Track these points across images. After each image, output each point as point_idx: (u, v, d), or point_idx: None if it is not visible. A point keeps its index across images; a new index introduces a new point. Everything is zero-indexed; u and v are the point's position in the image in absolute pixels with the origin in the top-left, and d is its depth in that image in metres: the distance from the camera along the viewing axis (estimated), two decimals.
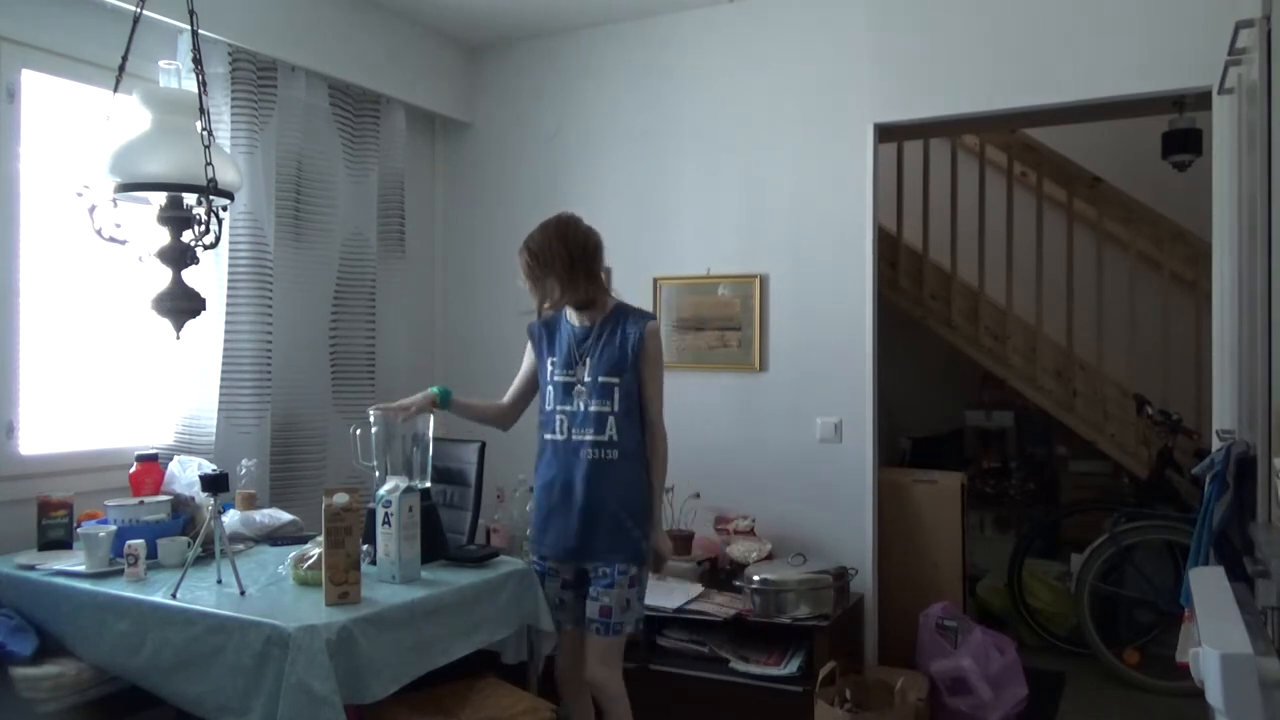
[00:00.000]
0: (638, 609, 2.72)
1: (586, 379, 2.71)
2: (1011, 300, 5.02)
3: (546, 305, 2.72)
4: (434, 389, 2.80)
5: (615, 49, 4.13)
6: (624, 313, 2.77)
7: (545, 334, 2.82)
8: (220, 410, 3.25)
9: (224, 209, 2.36)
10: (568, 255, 2.67)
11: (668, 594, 3.44)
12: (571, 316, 2.77)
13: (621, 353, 2.70)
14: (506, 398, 2.93)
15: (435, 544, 2.64)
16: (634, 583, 2.68)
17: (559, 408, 2.74)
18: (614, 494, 2.68)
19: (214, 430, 3.24)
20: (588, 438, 2.69)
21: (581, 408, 2.70)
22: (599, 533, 2.67)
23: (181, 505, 2.80)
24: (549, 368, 2.78)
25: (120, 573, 2.46)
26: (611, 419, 2.68)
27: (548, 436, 2.77)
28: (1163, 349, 4.86)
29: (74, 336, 3.06)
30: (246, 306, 3.33)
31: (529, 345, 2.89)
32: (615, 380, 2.69)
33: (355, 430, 2.83)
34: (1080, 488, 5.12)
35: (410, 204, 4.14)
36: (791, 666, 3.23)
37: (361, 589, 2.25)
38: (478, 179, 4.43)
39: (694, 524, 3.78)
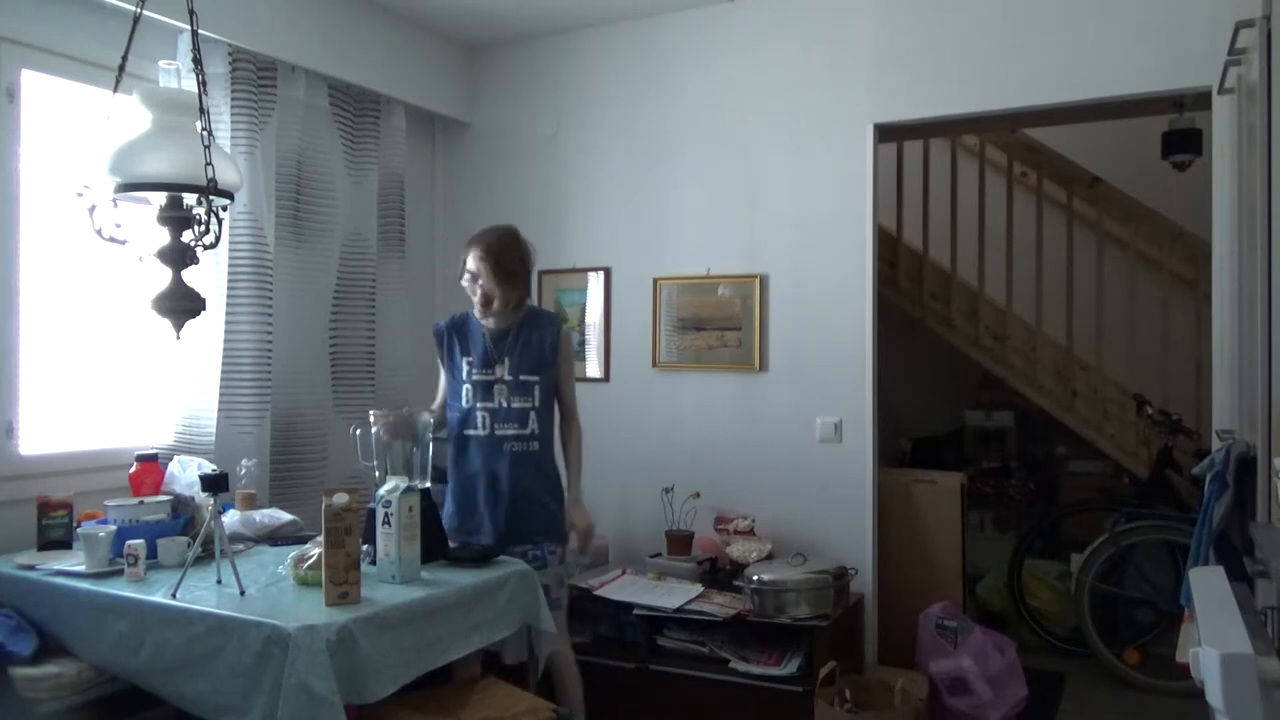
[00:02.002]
0: (566, 580, 3.07)
1: (507, 377, 2.93)
2: (1011, 300, 5.02)
3: (506, 308, 2.91)
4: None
5: (615, 49, 4.12)
6: (536, 315, 3.03)
7: (456, 336, 3.01)
8: (220, 410, 3.25)
9: (224, 209, 2.35)
10: (525, 270, 2.97)
11: (668, 594, 3.44)
12: (484, 319, 2.95)
13: (540, 352, 2.94)
14: (440, 402, 3.09)
15: (435, 544, 2.64)
16: (562, 559, 2.99)
17: (480, 405, 2.93)
18: (537, 482, 2.94)
19: (214, 430, 3.23)
20: (510, 432, 2.91)
21: (504, 404, 2.91)
22: (527, 517, 2.91)
23: (181, 505, 2.80)
24: (465, 367, 2.96)
25: (120, 573, 2.46)
26: (533, 414, 2.92)
27: (468, 432, 2.94)
28: (1163, 349, 4.86)
29: (74, 336, 3.05)
30: (246, 306, 3.33)
31: (438, 350, 3.05)
32: (536, 378, 2.94)
33: (355, 430, 2.83)
34: (1080, 488, 5.11)
35: (410, 204, 4.14)
36: (791, 666, 3.23)
37: (361, 589, 2.25)
38: (478, 179, 4.43)
39: (694, 524, 3.78)
